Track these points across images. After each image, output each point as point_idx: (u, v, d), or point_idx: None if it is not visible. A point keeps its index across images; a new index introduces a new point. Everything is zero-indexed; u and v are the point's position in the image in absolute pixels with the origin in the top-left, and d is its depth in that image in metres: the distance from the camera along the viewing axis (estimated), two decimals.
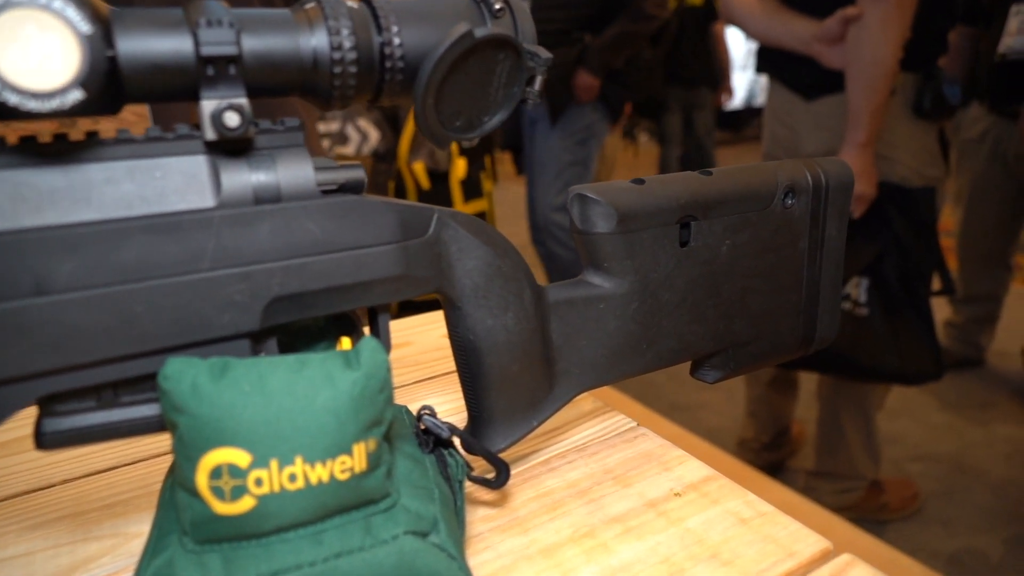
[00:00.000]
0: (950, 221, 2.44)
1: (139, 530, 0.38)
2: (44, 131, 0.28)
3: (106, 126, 0.81)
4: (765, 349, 0.47)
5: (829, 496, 1.62)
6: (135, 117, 0.94)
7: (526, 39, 0.32)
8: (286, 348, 0.35)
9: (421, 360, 0.59)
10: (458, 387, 0.50)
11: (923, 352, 1.42)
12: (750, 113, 6.58)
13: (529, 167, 2.17)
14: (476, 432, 0.39)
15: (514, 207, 2.54)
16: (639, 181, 0.41)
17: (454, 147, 2.06)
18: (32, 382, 0.27)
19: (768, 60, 1.55)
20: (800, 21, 1.41)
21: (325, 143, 2.75)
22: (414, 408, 0.49)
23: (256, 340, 0.31)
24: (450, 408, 0.50)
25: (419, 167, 2.00)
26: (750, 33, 1.57)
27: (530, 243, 2.21)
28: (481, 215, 2.07)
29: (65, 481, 0.43)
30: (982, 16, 2.02)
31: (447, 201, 2.02)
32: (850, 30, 1.29)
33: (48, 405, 0.29)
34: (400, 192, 2.04)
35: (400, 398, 0.52)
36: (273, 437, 0.27)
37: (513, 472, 0.42)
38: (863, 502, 1.62)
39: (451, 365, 0.57)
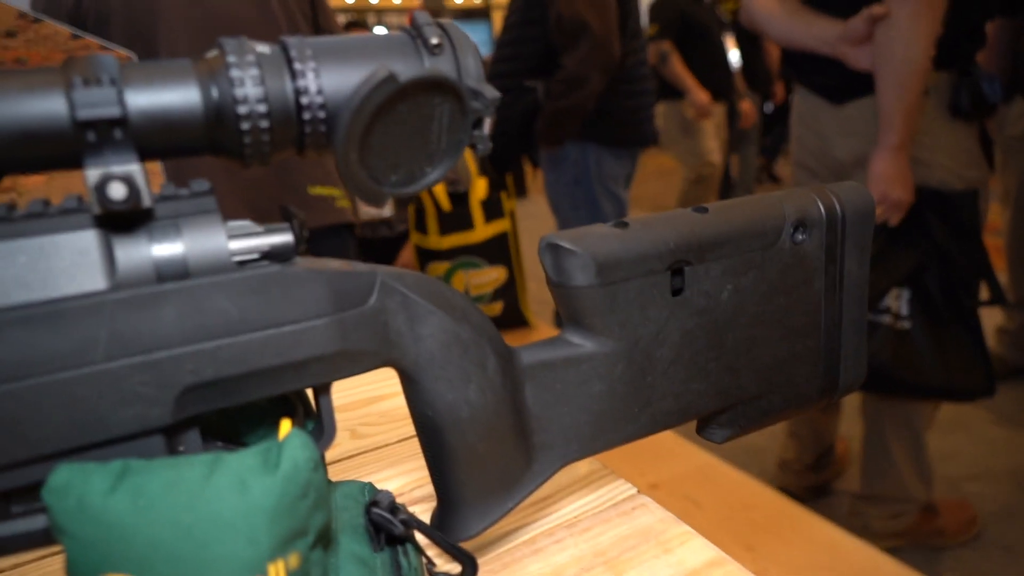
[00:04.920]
0: (998, 220, 2.32)
1: None
2: None
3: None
4: (779, 403, 0.42)
5: (878, 521, 1.52)
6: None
7: (469, 77, 0.28)
8: (225, 433, 0.32)
9: (407, 414, 0.54)
10: None
11: (972, 366, 1.33)
12: None
13: None
14: (444, 517, 0.34)
15: (544, 221, 2.49)
16: (622, 224, 0.36)
17: (473, 167, 2.03)
18: None
19: (792, 63, 1.49)
20: (823, 22, 1.34)
21: None
22: (399, 480, 0.45)
23: (171, 435, 0.27)
24: None
25: (439, 188, 1.97)
26: (772, 36, 1.51)
27: None
28: (503, 235, 2.03)
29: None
30: (1022, 6, 1.91)
31: (468, 222, 1.99)
32: (878, 29, 1.22)
33: None
34: (420, 215, 2.01)
35: (381, 461, 0.48)
36: (168, 562, 0.23)
37: (493, 554, 0.37)
38: (916, 527, 1.52)
39: None
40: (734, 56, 3.62)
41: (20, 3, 0.98)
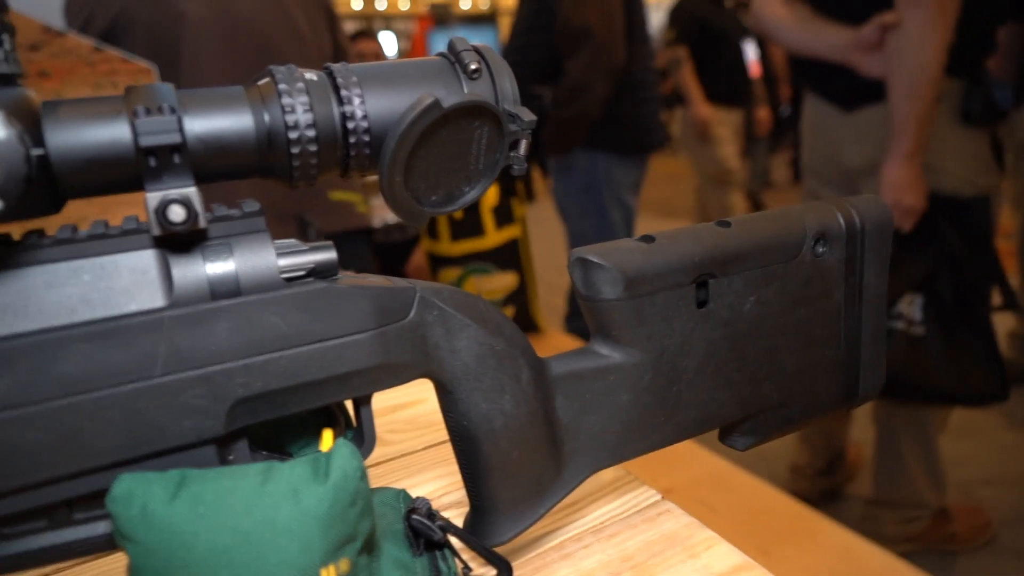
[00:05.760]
0: (1009, 224, 2.31)
1: None
2: None
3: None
4: (800, 410, 0.43)
5: (891, 526, 1.52)
6: None
7: (506, 101, 0.29)
8: (267, 442, 0.33)
9: (435, 420, 0.56)
10: None
11: (985, 372, 1.33)
12: None
13: None
14: (477, 523, 0.35)
15: (552, 227, 2.50)
16: (648, 238, 0.37)
17: None
18: None
19: (803, 71, 1.50)
20: (834, 29, 1.35)
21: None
22: (426, 486, 0.46)
23: (222, 445, 0.29)
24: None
25: None
26: (783, 44, 1.52)
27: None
28: (514, 241, 2.04)
29: None
30: None
31: (479, 228, 2.00)
32: (890, 37, 1.23)
33: None
34: (432, 223, 2.03)
35: (409, 467, 0.49)
36: (227, 567, 0.24)
37: (523, 559, 0.38)
38: (929, 532, 1.52)
39: None
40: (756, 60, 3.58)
41: (50, 17, 1.00)
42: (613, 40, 1.72)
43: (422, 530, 0.32)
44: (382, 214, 1.90)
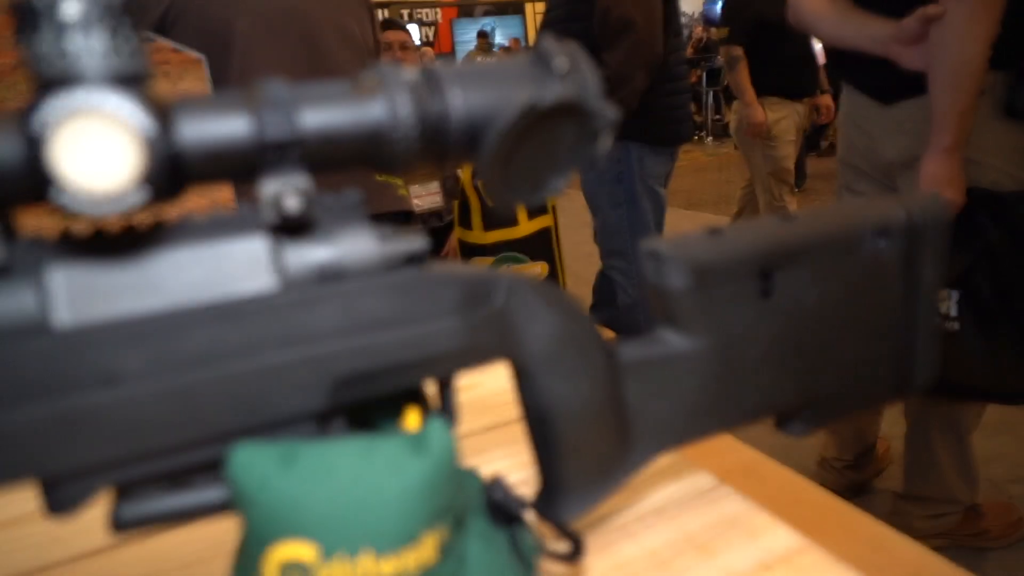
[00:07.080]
0: None
1: None
2: (112, 222, 0.28)
3: None
4: (855, 399, 0.44)
5: (920, 521, 1.52)
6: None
7: (592, 97, 0.31)
8: (357, 418, 0.35)
9: (490, 404, 0.57)
10: None
11: (1021, 369, 1.32)
12: None
13: None
14: (547, 501, 0.37)
15: (580, 215, 2.51)
16: (716, 231, 0.38)
17: None
18: (101, 471, 0.27)
19: (841, 64, 1.49)
20: (875, 21, 1.34)
21: None
22: (486, 467, 0.48)
23: (322, 420, 0.30)
24: (522, 460, 0.49)
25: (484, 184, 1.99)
26: (821, 36, 1.51)
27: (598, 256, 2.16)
28: (546, 231, 2.06)
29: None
30: None
31: (512, 218, 2.02)
32: (933, 29, 1.22)
33: (120, 490, 0.29)
34: (464, 211, 2.05)
35: (471, 448, 0.51)
36: (338, 530, 0.26)
37: (589, 537, 0.40)
38: (959, 528, 1.52)
39: None
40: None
41: None
42: (653, 32, 1.73)
43: (501, 505, 0.33)
44: (420, 201, 1.93)
